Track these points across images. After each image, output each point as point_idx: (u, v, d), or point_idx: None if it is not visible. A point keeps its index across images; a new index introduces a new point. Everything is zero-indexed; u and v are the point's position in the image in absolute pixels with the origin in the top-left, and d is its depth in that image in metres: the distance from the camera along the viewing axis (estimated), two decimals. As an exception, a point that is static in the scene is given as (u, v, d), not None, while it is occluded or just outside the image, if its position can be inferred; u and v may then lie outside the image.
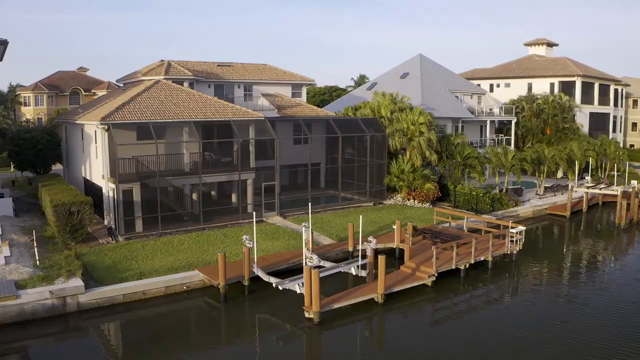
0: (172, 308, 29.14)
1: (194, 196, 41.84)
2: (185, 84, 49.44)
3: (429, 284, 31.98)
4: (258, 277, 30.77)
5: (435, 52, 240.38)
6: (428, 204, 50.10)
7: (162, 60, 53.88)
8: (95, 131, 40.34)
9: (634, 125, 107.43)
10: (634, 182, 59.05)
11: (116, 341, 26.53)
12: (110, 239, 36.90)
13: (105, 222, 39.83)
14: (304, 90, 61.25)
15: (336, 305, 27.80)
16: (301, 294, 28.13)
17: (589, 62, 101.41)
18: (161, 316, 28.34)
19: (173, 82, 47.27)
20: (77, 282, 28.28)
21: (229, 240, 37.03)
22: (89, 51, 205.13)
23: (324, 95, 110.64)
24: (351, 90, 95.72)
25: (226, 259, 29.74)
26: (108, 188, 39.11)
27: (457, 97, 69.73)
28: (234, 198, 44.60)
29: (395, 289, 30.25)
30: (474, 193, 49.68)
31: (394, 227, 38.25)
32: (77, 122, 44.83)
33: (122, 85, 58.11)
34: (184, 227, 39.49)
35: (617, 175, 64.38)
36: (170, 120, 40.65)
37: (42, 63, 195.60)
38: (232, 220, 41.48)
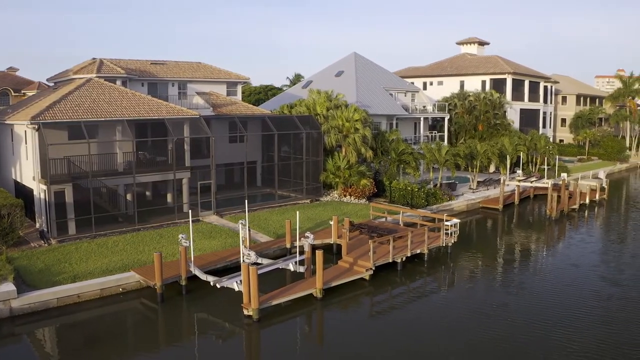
0: (108, 311, 28.57)
1: (128, 196, 41.18)
2: (118, 82, 48.56)
3: (367, 277, 32.35)
4: (195, 277, 30.51)
5: (370, 51, 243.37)
6: (364, 199, 50.59)
7: (94, 58, 52.75)
8: (25, 131, 39.26)
9: (563, 121, 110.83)
10: (564, 175, 61.03)
11: (51, 347, 25.81)
12: (42, 242, 35.94)
13: (37, 225, 38.86)
14: (240, 89, 60.97)
15: (275, 302, 27.82)
16: (239, 292, 28.04)
17: (519, 60, 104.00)
18: (97, 319, 27.75)
19: (105, 80, 46.35)
20: (9, 286, 27.42)
21: (165, 241, 36.59)
22: (20, 51, 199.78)
23: (260, 95, 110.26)
24: (287, 89, 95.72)
25: (162, 259, 29.37)
26: (39, 190, 38.13)
27: (391, 94, 70.59)
28: (169, 198, 44.10)
29: (334, 284, 30.47)
30: (409, 188, 50.39)
31: (331, 223, 38.48)
32: (6, 122, 43.47)
33: (53, 84, 56.68)
34: (118, 228, 38.79)
35: (548, 169, 66.24)
36: (103, 119, 39.89)
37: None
38: (168, 221, 40.99)
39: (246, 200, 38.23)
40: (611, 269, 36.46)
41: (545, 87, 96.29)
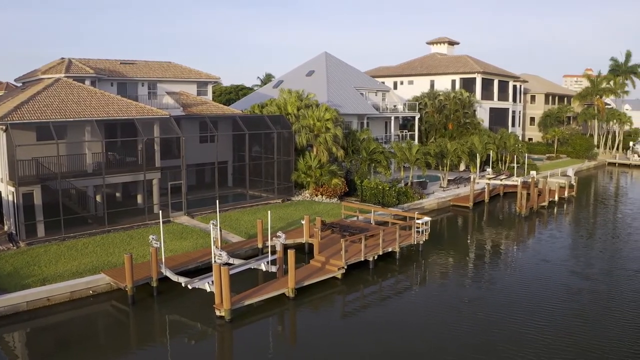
0: (78, 314, 28.28)
1: (98, 198, 40.80)
2: (87, 82, 48.01)
3: (339, 276, 32.44)
4: (167, 278, 30.31)
5: (341, 51, 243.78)
6: (336, 199, 50.68)
7: (62, 58, 52.08)
8: (-8, 133, 38.68)
9: (532, 119, 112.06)
10: (533, 173, 61.73)
11: (22, 351, 25.43)
12: (11, 245, 35.40)
13: (5, 228, 38.31)
14: (210, 89, 60.67)
15: (247, 302, 27.77)
16: (211, 293, 27.96)
17: (488, 60, 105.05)
18: (68, 322, 27.47)
19: (74, 80, 45.77)
20: (-25, 290, 27.08)
21: (136, 242, 36.30)
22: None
23: (231, 94, 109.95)
24: (258, 89, 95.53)
25: (133, 261, 29.14)
26: (7, 192, 37.60)
27: (362, 94, 70.77)
28: (139, 199, 43.72)
29: (306, 283, 30.51)
30: (380, 187, 50.60)
31: (303, 222, 38.49)
32: (-29, 123, 42.83)
33: (20, 84, 55.92)
34: (88, 230, 38.36)
35: (517, 167, 66.96)
36: (72, 119, 39.40)
37: None
38: (138, 222, 40.66)
39: (217, 201, 38.16)
40: (581, 264, 37.13)
41: (515, 87, 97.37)
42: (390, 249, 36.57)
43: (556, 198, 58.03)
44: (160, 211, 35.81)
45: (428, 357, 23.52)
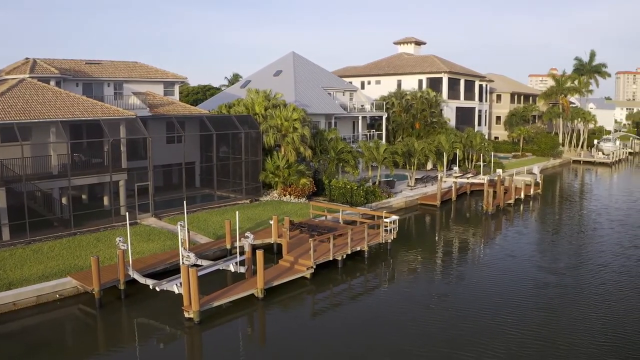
0: (45, 318, 27.89)
1: (64, 200, 40.32)
2: (52, 83, 47.35)
3: (308, 276, 32.51)
4: (134, 280, 30.07)
5: (309, 51, 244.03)
6: (304, 198, 50.72)
7: (27, 58, 51.29)
8: (-47, 135, 38.01)
9: (498, 118, 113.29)
10: (499, 171, 62.50)
11: (-16, 355, 25.15)
12: (-27, 248, 34.86)
13: (-33, 231, 37.63)
14: (177, 89, 60.25)
15: (216, 303, 27.68)
16: (180, 294, 27.81)
17: (455, 60, 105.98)
18: (34, 327, 27.05)
19: (39, 80, 45.10)
20: (-63, 295, 26.58)
21: (102, 244, 35.93)
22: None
23: (198, 94, 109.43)
24: (225, 89, 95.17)
25: (100, 264, 28.85)
26: (-31, 195, 36.93)
27: (329, 94, 70.93)
28: (106, 200, 43.33)
29: (275, 283, 30.52)
30: (348, 186, 50.79)
31: (271, 222, 38.46)
32: None
33: (-18, 85, 54.94)
34: (54, 233, 37.84)
35: (483, 165, 67.67)
36: (36, 120, 38.84)
37: None
38: (105, 224, 40.23)
39: (185, 202, 37.96)
40: (547, 259, 37.92)
41: (481, 86, 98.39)
42: (358, 248, 36.73)
43: (522, 196, 58.84)
44: (127, 213, 35.45)
45: (398, 353, 23.67)
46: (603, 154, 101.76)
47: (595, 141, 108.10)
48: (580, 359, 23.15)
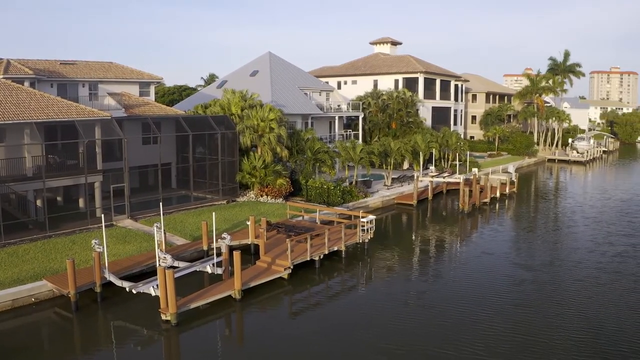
0: (20, 322, 27.55)
1: (38, 202, 39.89)
2: (26, 84, 46.80)
3: (286, 276, 32.51)
4: (111, 283, 29.85)
5: (285, 51, 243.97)
6: (281, 199, 50.69)
7: (0, 59, 50.77)
8: None
9: (474, 118, 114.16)
10: (475, 170, 62.99)
11: (-42, 360, 24.83)
12: (-55, 252, 34.39)
13: (-60, 235, 37.13)
14: (153, 89, 59.89)
15: (193, 305, 27.59)
16: (157, 297, 27.65)
17: (431, 60, 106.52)
18: (10, 332, 26.71)
19: (13, 81, 44.51)
20: None
21: (78, 247, 35.62)
22: None
23: (174, 95, 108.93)
24: (201, 89, 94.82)
25: (75, 266, 28.61)
26: (-59, 197, 36.46)
27: (306, 94, 71.00)
28: (81, 202, 42.99)
29: (252, 284, 30.47)
30: (325, 186, 50.84)
31: (248, 223, 38.39)
32: None
33: (-47, 87, 54.16)
34: (28, 235, 37.44)
35: (459, 164, 68.12)
36: (10, 122, 38.38)
37: None
38: (81, 226, 39.88)
39: (161, 203, 37.79)
40: (523, 256, 38.44)
41: (456, 86, 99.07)
42: (336, 248, 36.81)
43: (498, 194, 59.34)
44: (103, 215, 35.18)
45: (377, 351, 23.76)
46: (577, 152, 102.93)
47: (570, 140, 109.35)
48: (557, 354, 23.42)
